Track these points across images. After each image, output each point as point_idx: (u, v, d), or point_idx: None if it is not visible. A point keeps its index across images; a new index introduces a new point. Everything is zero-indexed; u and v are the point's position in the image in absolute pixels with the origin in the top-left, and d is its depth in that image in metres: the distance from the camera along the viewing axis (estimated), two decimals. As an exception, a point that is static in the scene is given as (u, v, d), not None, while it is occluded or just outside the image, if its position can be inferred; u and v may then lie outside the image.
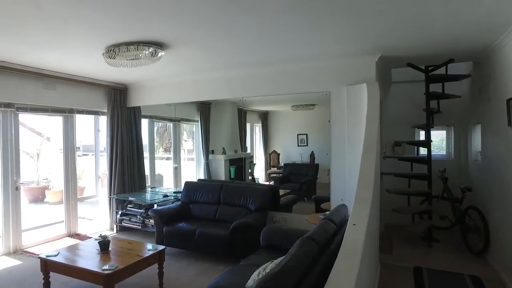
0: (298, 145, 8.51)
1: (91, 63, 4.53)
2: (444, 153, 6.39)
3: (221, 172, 7.50)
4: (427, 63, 4.73)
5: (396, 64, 4.76)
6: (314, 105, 7.37)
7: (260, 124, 8.72)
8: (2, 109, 4.64)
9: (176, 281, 3.83)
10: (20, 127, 5.05)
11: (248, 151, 8.12)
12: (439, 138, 6.48)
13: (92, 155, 9.00)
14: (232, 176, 7.55)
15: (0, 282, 3.89)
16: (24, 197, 7.25)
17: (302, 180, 7.23)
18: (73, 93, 5.40)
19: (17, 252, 4.82)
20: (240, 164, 7.81)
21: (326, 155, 6.19)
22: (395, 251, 4.60)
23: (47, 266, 3.41)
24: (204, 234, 4.35)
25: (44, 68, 4.79)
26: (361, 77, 4.18)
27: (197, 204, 5.06)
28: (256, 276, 2.39)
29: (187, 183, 5.32)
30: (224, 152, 7.58)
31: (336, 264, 1.88)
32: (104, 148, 6.29)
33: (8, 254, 4.74)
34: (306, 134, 8.42)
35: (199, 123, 7.42)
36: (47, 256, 3.43)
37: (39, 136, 10.20)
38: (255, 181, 7.61)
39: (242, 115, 7.84)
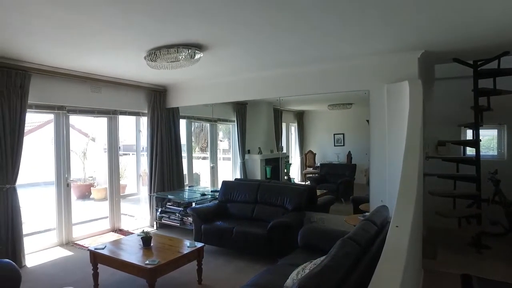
0: (334, 145, 8.35)
1: (133, 66, 4.74)
2: (495, 153, 6.00)
3: (257, 172, 7.55)
4: (475, 58, 4.45)
5: (441, 59, 4.53)
6: (351, 104, 7.19)
7: (295, 124, 8.66)
8: (55, 111, 4.99)
9: (214, 278, 3.90)
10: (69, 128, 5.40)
11: (284, 151, 8.10)
12: (488, 138, 6.09)
13: (132, 154, 9.41)
14: (268, 176, 7.56)
15: (56, 270, 4.21)
16: (72, 194, 7.73)
17: (339, 181, 7.09)
18: (116, 95, 5.68)
19: (69, 243, 5.16)
20: (276, 164, 7.80)
21: (363, 156, 6.02)
22: (439, 256, 4.38)
23: (96, 258, 3.62)
24: (241, 232, 4.40)
25: (91, 73, 5.08)
26: (403, 74, 4.03)
27: (234, 203, 5.12)
28: (295, 275, 2.38)
29: (224, 182, 5.40)
30: (260, 152, 7.62)
31: (379, 266, 1.83)
32: (143, 147, 6.55)
33: (61, 245, 5.10)
34: (343, 134, 8.25)
35: (235, 123, 7.51)
36: (95, 249, 3.64)
37: (85, 136, 10.80)
38: (290, 181, 7.56)
39: (278, 115, 7.84)
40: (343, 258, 2.01)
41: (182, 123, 6.84)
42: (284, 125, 8.03)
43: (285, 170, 7.84)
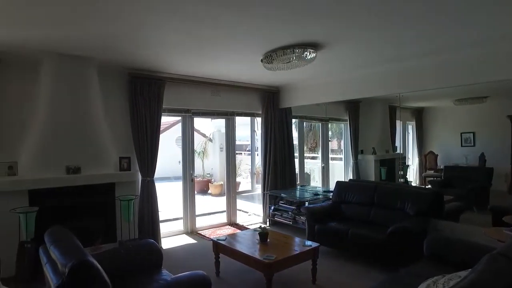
0: (461, 145, 7.37)
1: (249, 70, 5.00)
2: None
3: (371, 173, 7.15)
4: None
5: None
6: (486, 97, 6.22)
7: (413, 122, 7.93)
8: (182, 114, 5.62)
9: (328, 279, 3.83)
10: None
11: (398, 151, 7.49)
12: None
13: (245, 154, 9.97)
14: (383, 178, 7.10)
15: (185, 254, 4.74)
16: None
17: (469, 186, 6.19)
18: (233, 98, 6.08)
19: (193, 232, 5.74)
20: (391, 165, 7.27)
21: (502, 158, 5.15)
22: None
23: (218, 248, 3.92)
24: (357, 235, 4.21)
25: (211, 78, 5.55)
26: None
27: (349, 204, 4.94)
28: (426, 289, 2.15)
29: (338, 183, 5.26)
30: (374, 152, 7.20)
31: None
32: (257, 147, 6.84)
33: (187, 233, 5.71)
34: (473, 133, 7.20)
35: (348, 122, 7.26)
36: (218, 239, 3.95)
37: (203, 137, 11.90)
38: (407, 184, 6.95)
39: (393, 113, 7.29)
40: (494, 275, 1.72)
41: (294, 123, 6.93)
42: (399, 124, 7.44)
43: (401, 172, 7.24)
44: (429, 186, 7.17)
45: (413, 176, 7.93)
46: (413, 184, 7.61)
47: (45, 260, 2.37)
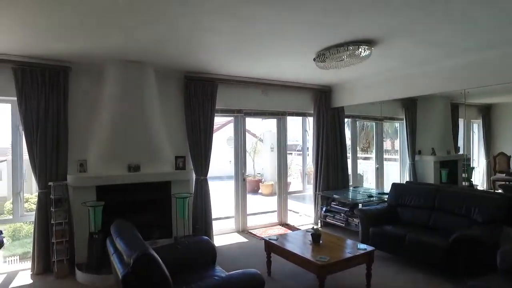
0: (540, 146, 6.63)
1: (301, 69, 4.96)
2: None
3: (429, 175, 6.70)
4: None
5: None
6: None
7: (479, 121, 7.29)
8: (235, 114, 5.74)
9: (384, 286, 3.67)
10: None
11: (462, 152, 6.93)
12: None
13: (295, 154, 9.90)
14: (444, 180, 6.61)
15: (237, 253, 4.83)
16: (245, 187, 8.73)
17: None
18: (284, 98, 6.06)
19: (244, 231, 5.83)
20: (453, 167, 6.75)
21: None
22: None
23: (270, 247, 3.94)
24: (416, 241, 3.97)
25: (262, 78, 5.59)
26: None
27: (406, 207, 4.68)
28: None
29: (394, 185, 5.01)
30: (433, 153, 6.74)
31: None
32: (301, 147, 6.74)
33: (238, 232, 5.81)
34: (557, 131, 6.45)
35: (404, 121, 6.89)
36: (269, 239, 3.97)
37: (254, 137, 12.03)
38: (473, 188, 6.41)
39: (456, 110, 6.77)
40: None
41: (346, 122, 6.74)
42: (462, 122, 6.89)
43: (465, 175, 6.69)
44: (500, 190, 6.54)
45: (478, 179, 7.30)
46: (479, 188, 7.00)
47: (112, 250, 2.55)
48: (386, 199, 5.16)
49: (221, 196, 7.88)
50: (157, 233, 4.57)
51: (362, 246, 3.67)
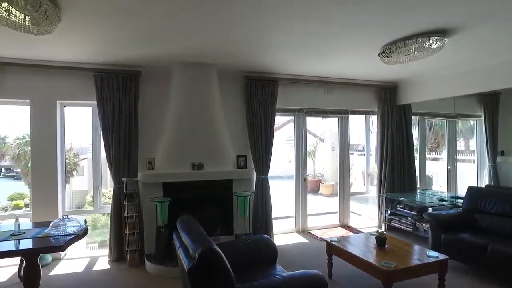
0: None
1: (364, 65, 4.76)
2: None
3: (515, 178, 6.00)
4: None
5: None
6: None
7: None
8: (295, 113, 5.70)
9: (460, 299, 3.36)
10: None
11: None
12: None
13: (356, 154, 9.52)
14: (532, 185, 5.87)
15: (297, 253, 4.78)
16: (305, 188, 8.63)
17: None
18: (347, 96, 5.87)
19: (304, 231, 5.77)
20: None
21: None
22: None
23: (331, 249, 3.84)
24: (500, 252, 3.54)
25: (325, 76, 5.46)
26: None
27: (486, 214, 4.22)
28: None
29: (471, 188, 4.56)
30: (519, 154, 6.02)
31: None
32: (363, 147, 6.42)
33: (298, 232, 5.77)
34: None
35: (482, 118, 6.25)
36: (331, 240, 3.86)
37: (314, 137, 11.85)
38: None
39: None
40: None
41: (414, 120, 6.31)
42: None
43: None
44: None
45: None
46: None
47: (178, 244, 2.68)
48: (460, 204, 4.71)
49: (281, 196, 7.89)
50: (219, 230, 4.72)
51: (433, 253, 3.39)
